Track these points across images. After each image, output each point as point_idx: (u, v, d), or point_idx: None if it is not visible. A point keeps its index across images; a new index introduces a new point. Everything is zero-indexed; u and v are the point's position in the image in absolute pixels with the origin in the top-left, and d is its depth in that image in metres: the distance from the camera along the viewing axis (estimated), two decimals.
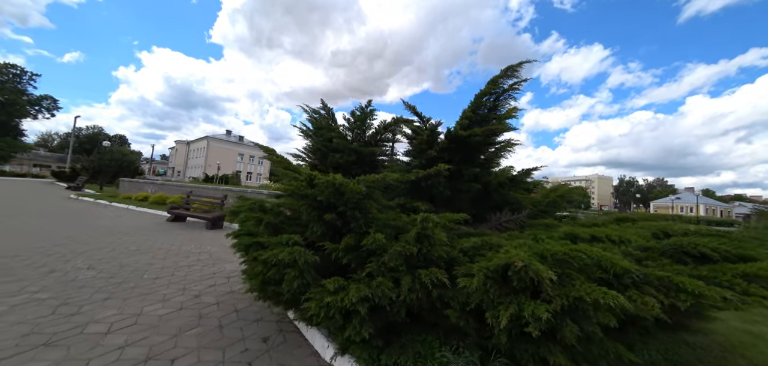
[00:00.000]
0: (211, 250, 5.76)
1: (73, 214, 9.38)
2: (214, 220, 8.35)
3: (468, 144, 3.47)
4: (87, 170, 24.72)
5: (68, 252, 4.86)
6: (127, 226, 7.83)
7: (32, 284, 3.39)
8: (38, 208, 10.13)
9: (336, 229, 2.57)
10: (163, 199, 12.97)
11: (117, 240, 5.99)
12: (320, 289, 2.08)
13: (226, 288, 3.76)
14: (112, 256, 4.82)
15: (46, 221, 7.61)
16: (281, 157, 3.52)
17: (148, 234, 6.87)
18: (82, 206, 11.64)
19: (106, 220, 8.49)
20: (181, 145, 65.35)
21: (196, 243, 6.27)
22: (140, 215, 10.17)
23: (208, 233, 7.62)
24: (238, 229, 3.09)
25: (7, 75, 49.56)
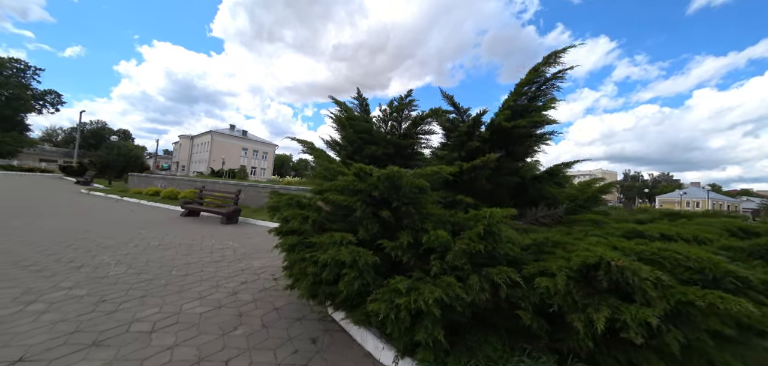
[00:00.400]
0: (233, 245, 5.69)
1: (88, 208, 9.36)
2: (230, 215, 8.28)
3: (510, 136, 3.33)
4: (95, 165, 24.79)
5: (93, 246, 4.80)
6: (143, 220, 7.79)
7: (65, 279, 3.32)
8: (53, 203, 10.12)
9: (387, 225, 2.46)
10: (175, 194, 12.94)
11: (137, 235, 5.93)
12: (386, 289, 1.98)
13: (259, 285, 3.68)
14: (136, 251, 4.76)
15: (65, 217, 7.58)
16: (321, 151, 3.40)
17: (166, 228, 6.82)
18: (95, 201, 11.63)
19: (121, 215, 8.46)
20: (185, 139, 65.37)
21: (216, 238, 6.20)
22: (154, 210, 10.13)
23: (224, 228, 7.56)
24: (280, 227, 2.99)
25: (11, 70, 49.60)
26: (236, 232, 7.15)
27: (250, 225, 8.42)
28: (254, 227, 8.07)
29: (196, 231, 6.86)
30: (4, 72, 47.86)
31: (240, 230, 7.41)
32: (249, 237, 6.62)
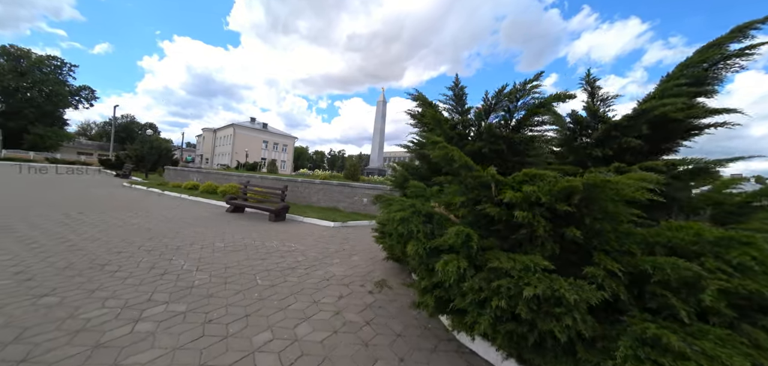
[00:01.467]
0: (297, 247, 5.38)
1: (138, 203, 9.43)
2: (278, 212, 8.05)
3: (675, 129, 2.72)
4: (131, 158, 25.66)
5: (162, 247, 4.60)
6: (193, 217, 7.68)
7: (155, 290, 3.06)
8: (104, 196, 10.31)
9: (565, 246, 1.95)
10: (213, 188, 12.97)
11: (198, 233, 5.74)
12: (631, 340, 1.47)
13: (358, 300, 3.29)
14: (206, 254, 4.52)
15: (120, 211, 7.58)
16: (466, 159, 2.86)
17: (219, 226, 6.63)
18: (139, 195, 11.82)
19: (171, 211, 8.41)
20: (208, 132, 67.19)
21: (275, 239, 5.92)
22: (198, 205, 10.10)
23: (275, 226, 7.31)
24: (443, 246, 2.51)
25: (49, 67, 52.33)
26: (290, 231, 6.88)
27: (299, 222, 8.16)
28: (304, 225, 7.80)
29: (250, 230, 6.63)
30: (44, 69, 50.52)
31: (292, 229, 7.14)
32: (305, 237, 6.31)
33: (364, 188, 10.08)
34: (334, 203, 10.52)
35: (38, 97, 48.97)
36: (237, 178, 13.85)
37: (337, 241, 6.19)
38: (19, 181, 13.04)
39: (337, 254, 5.10)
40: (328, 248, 5.47)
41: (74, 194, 10.33)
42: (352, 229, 7.64)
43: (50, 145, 45.42)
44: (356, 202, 10.09)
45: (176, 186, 14.86)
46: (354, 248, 5.64)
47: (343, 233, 7.03)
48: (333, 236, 6.59)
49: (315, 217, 8.45)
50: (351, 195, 10.22)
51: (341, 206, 10.35)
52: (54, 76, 51.60)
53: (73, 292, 2.93)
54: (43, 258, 3.81)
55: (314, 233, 6.78)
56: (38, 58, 50.27)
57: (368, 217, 9.02)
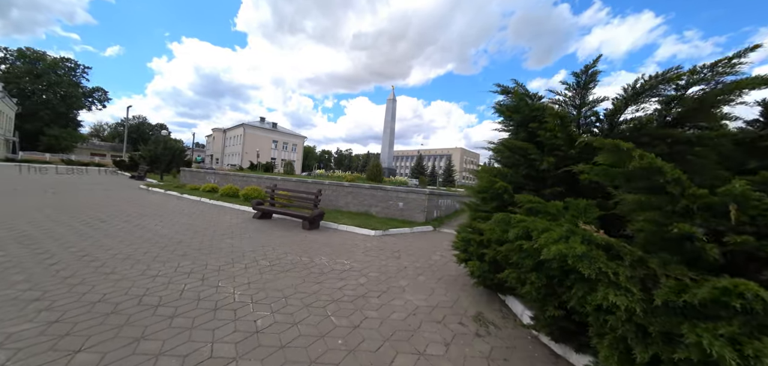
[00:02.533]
0: (350, 264, 4.66)
1: (159, 209, 8.85)
2: (313, 220, 7.35)
3: None
4: (145, 159, 25.41)
5: (202, 268, 3.92)
6: (222, 225, 7.03)
7: (214, 338, 2.36)
8: (123, 200, 9.79)
9: None
10: (234, 191, 12.39)
11: (234, 248, 5.07)
12: None
13: (471, 348, 2.53)
14: (255, 276, 3.82)
15: (144, 219, 6.98)
16: (667, 165, 2.08)
17: (255, 237, 5.95)
18: (159, 199, 11.29)
19: (197, 218, 7.79)
20: (217, 132, 67.38)
21: (321, 253, 5.21)
22: (222, 211, 9.49)
23: (313, 236, 6.61)
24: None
25: (64, 69, 52.96)
26: (331, 241, 6.17)
27: (334, 231, 7.45)
28: (341, 234, 7.09)
29: (288, 241, 5.94)
30: (58, 71, 51.13)
31: (332, 239, 6.43)
32: (351, 250, 5.59)
33: (398, 191, 9.34)
34: (366, 208, 9.80)
35: (53, 98, 49.59)
36: (257, 180, 13.26)
37: (388, 254, 5.45)
38: (35, 184, 12.68)
39: (400, 274, 4.35)
40: (385, 265, 4.73)
41: (93, 199, 9.83)
42: (396, 239, 6.88)
43: (65, 147, 45.90)
44: (391, 206, 9.35)
45: (194, 189, 14.35)
46: (414, 265, 4.89)
47: (389, 244, 6.28)
48: (380, 248, 5.85)
49: (350, 224, 7.73)
50: (384, 199, 9.49)
51: (374, 211, 9.63)
52: (68, 78, 52.22)
53: (113, 342, 2.24)
54: (69, 287, 3.15)
55: (358, 244, 6.06)
56: (53, 61, 50.91)
57: (407, 224, 8.28)
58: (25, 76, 47.17)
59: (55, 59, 51.62)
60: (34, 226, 5.51)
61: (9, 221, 5.78)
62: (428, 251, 5.92)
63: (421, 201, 8.85)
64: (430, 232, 8.06)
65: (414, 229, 7.98)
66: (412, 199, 9.02)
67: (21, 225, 5.56)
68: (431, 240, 7.09)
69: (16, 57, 48.24)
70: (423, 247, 6.28)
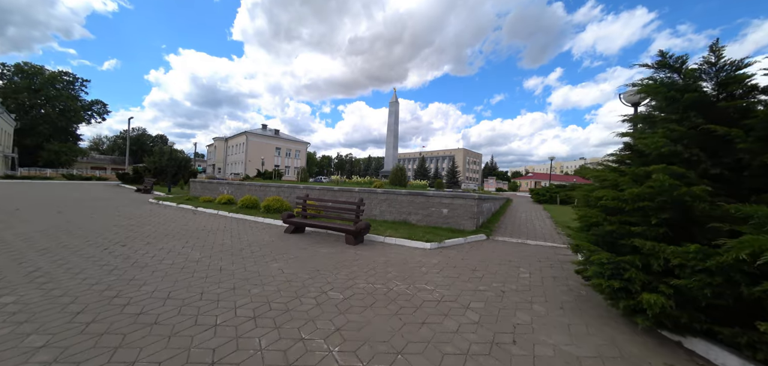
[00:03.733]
0: (438, 291, 3.80)
1: (179, 226, 7.99)
2: (358, 233, 6.50)
3: None
4: (150, 171, 24.55)
5: (264, 306, 3.07)
6: (256, 243, 6.17)
7: None
8: (139, 218, 8.91)
9: None
10: (253, 202, 11.54)
11: (289, 277, 4.21)
12: None
13: None
14: (336, 316, 2.97)
15: (171, 241, 6.11)
16: None
17: (302, 258, 5.10)
18: (174, 214, 10.42)
19: (223, 236, 6.93)
20: (219, 141, 66.56)
21: (394, 276, 4.36)
22: (247, 225, 8.63)
23: (364, 253, 5.76)
24: None
25: (62, 83, 52.19)
26: (388, 259, 5.32)
27: (382, 244, 6.60)
28: (392, 248, 6.23)
29: (342, 261, 5.09)
30: (57, 85, 50.36)
31: (387, 255, 5.58)
32: (418, 269, 4.74)
33: (441, 197, 8.50)
34: (404, 216, 8.94)
35: (52, 113, 48.79)
36: (276, 189, 12.41)
37: (466, 274, 4.59)
38: (38, 202, 11.79)
39: (508, 303, 3.49)
40: (478, 291, 3.87)
41: (104, 218, 8.96)
42: (457, 252, 6.01)
43: (65, 161, 44.98)
44: (433, 213, 8.51)
45: (207, 201, 13.49)
46: (511, 288, 4.03)
47: (455, 259, 5.42)
48: (451, 265, 4.99)
49: (397, 236, 6.88)
50: (425, 206, 8.64)
51: (413, 219, 8.77)
52: (67, 92, 51.46)
53: None
54: (108, 352, 2.29)
55: (421, 261, 5.21)
56: (51, 75, 50.17)
57: (456, 233, 7.42)
58: (23, 91, 46.37)
59: (53, 73, 50.87)
60: (46, 257, 4.64)
61: (17, 251, 4.92)
62: (508, 267, 5.06)
63: (470, 207, 8.01)
64: (487, 242, 7.20)
65: (468, 239, 7.12)
66: (458, 204, 8.17)
67: (31, 255, 4.69)
68: (497, 251, 6.22)
69: (14, 72, 47.48)
70: (496, 261, 5.42)
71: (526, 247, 6.82)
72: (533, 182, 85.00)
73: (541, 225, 10.43)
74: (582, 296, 3.67)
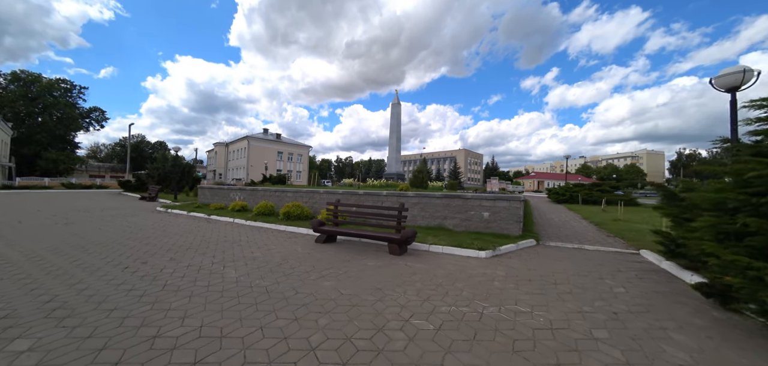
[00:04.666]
0: (527, 310, 3.17)
1: (199, 237, 7.32)
2: (403, 242, 5.86)
3: None
4: (153, 178, 23.82)
5: (353, 353, 2.43)
6: (292, 257, 5.52)
7: None
8: (151, 228, 8.23)
9: None
10: (270, 209, 10.87)
11: (345, 294, 3.57)
12: None
13: None
14: (421, 356, 2.33)
15: (194, 256, 5.45)
16: None
17: (350, 273, 4.45)
18: (187, 223, 9.74)
19: (251, 248, 6.27)
20: (219, 147, 65.77)
21: (470, 293, 3.72)
22: (270, 235, 7.97)
23: (414, 264, 5.12)
24: None
25: (60, 90, 51.34)
26: (448, 271, 4.68)
27: (429, 253, 5.96)
28: (443, 258, 5.59)
29: (398, 275, 4.45)
30: (54, 93, 49.54)
31: (445, 266, 4.94)
32: (490, 284, 4.10)
33: (481, 199, 7.87)
34: (439, 221, 8.31)
35: (50, 121, 47.95)
36: (294, 194, 11.75)
37: (550, 289, 3.95)
38: (40, 213, 11.08)
39: (626, 327, 2.86)
40: (579, 310, 3.23)
41: (115, 230, 8.28)
42: (521, 260, 5.36)
43: (64, 170, 44.11)
44: (472, 217, 7.88)
45: (219, 208, 12.81)
46: (610, 304, 3.40)
47: (522, 270, 4.78)
48: (526, 279, 4.34)
49: (442, 244, 6.25)
50: (463, 209, 8.01)
51: (449, 224, 8.14)
52: (64, 100, 50.61)
53: None
54: None
55: (486, 274, 4.57)
56: (49, 82, 49.36)
57: (503, 238, 6.79)
58: (20, 99, 45.53)
59: (51, 81, 50.06)
60: (62, 282, 3.97)
61: (26, 274, 4.25)
62: (590, 279, 4.41)
63: (515, 210, 7.39)
64: (541, 248, 6.56)
65: (519, 246, 6.49)
66: (501, 207, 7.55)
67: (44, 280, 4.02)
68: (560, 259, 5.57)
69: (10, 80, 46.64)
70: (570, 271, 4.77)
71: (587, 253, 6.20)
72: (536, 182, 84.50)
73: (579, 227, 9.82)
74: (721, 320, 3.04)
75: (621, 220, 10.71)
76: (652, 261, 5.51)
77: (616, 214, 13.06)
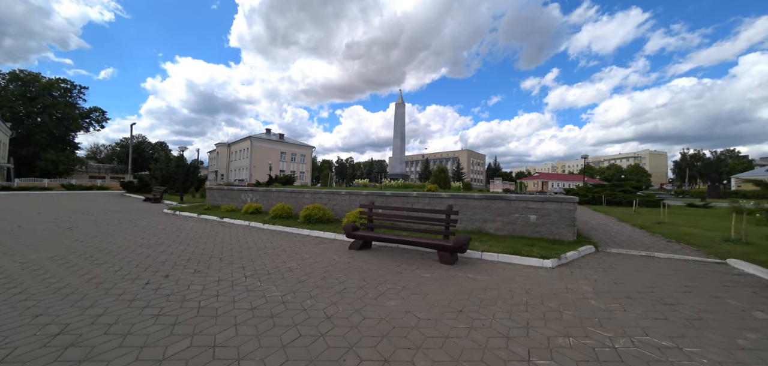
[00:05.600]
0: (660, 344, 2.46)
1: (218, 243, 6.60)
2: (455, 249, 5.15)
3: None
4: (157, 179, 23.08)
5: None
6: (325, 266, 4.81)
7: None
8: (162, 232, 7.52)
9: None
10: (288, 212, 10.15)
11: (423, 320, 2.86)
12: None
13: None
14: None
15: (221, 267, 4.74)
16: None
17: (411, 287, 3.74)
18: (200, 226, 9.01)
19: (282, 257, 5.56)
20: (221, 147, 65.00)
21: (589, 322, 3.01)
22: (293, 240, 7.26)
23: (476, 275, 4.42)
24: None
25: (59, 90, 50.55)
26: (527, 288, 3.97)
27: (482, 261, 5.26)
28: (501, 267, 4.89)
29: (468, 293, 3.75)
30: (54, 92, 48.75)
31: (513, 280, 4.23)
32: (587, 304, 3.40)
33: (527, 201, 7.17)
34: (478, 224, 7.61)
35: (49, 121, 47.16)
36: (312, 196, 11.04)
37: (670, 313, 3.24)
38: (41, 216, 10.35)
39: None
40: (744, 348, 2.53)
41: (126, 236, 7.56)
42: (598, 272, 4.63)
43: (64, 171, 43.32)
44: (517, 220, 7.18)
45: (231, 210, 12.09)
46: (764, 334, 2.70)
47: (606, 284, 4.06)
48: (626, 296, 3.62)
49: (497, 251, 5.55)
50: (506, 211, 7.31)
51: (489, 228, 7.44)
52: (64, 100, 49.83)
53: None
54: None
55: (570, 288, 3.86)
56: (48, 82, 48.60)
57: (558, 245, 6.07)
58: (19, 99, 44.75)
59: (51, 80, 49.30)
60: (72, 303, 3.25)
61: (28, 293, 3.52)
62: (703, 298, 3.69)
63: (568, 212, 6.69)
64: (604, 256, 5.85)
65: (580, 253, 5.79)
66: (551, 210, 6.85)
67: (49, 300, 3.30)
68: (641, 270, 4.84)
69: (9, 80, 45.86)
70: (670, 287, 4.05)
71: (662, 262, 5.48)
72: (541, 182, 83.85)
73: (625, 230, 9.11)
74: None
75: (665, 223, 10.01)
76: (752, 273, 4.77)
77: (651, 215, 12.37)
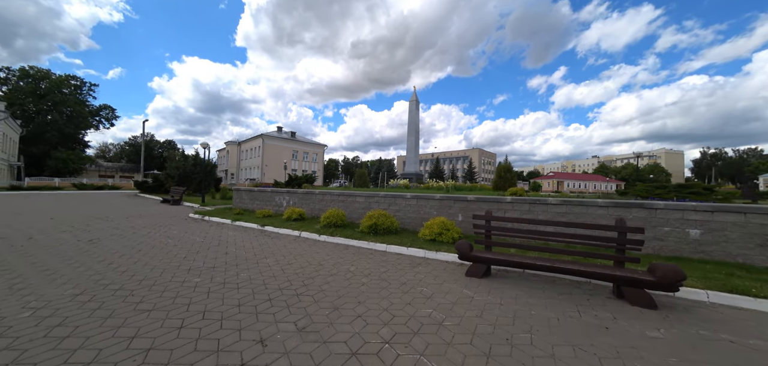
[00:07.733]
0: None
1: (273, 260, 5.03)
2: (661, 288, 3.50)
3: None
4: (173, 178, 21.73)
5: None
6: (446, 308, 3.20)
7: None
8: (200, 245, 6.00)
9: None
10: (341, 219, 8.55)
11: None
12: None
13: None
14: None
15: (296, 297, 3.16)
16: None
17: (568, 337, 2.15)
18: (239, 236, 7.48)
19: (375, 289, 3.96)
20: (232, 146, 63.89)
21: None
22: (372, 259, 5.68)
23: (721, 336, 2.77)
24: None
25: (69, 87, 49.71)
26: None
27: (699, 307, 3.61)
28: (734, 315, 3.24)
29: None
30: (64, 90, 47.91)
31: None
32: None
33: (683, 210, 5.49)
34: None
35: (59, 119, 46.32)
36: (365, 199, 9.40)
37: None
38: (55, 222, 8.93)
39: None
40: None
41: (159, 249, 6.04)
42: None
43: (74, 170, 42.41)
44: (666, 236, 5.50)
45: (268, 215, 10.59)
46: None
47: None
48: None
49: (715, 288, 3.90)
50: (647, 223, 5.63)
51: None
52: (74, 97, 48.93)
53: None
54: None
55: None
56: (58, 79, 47.75)
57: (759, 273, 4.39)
58: (29, 96, 43.93)
59: (61, 77, 48.47)
60: (120, 346, 1.68)
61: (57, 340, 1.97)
62: None
63: (758, 226, 4.99)
64: None
65: None
66: (727, 222, 5.16)
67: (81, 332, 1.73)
68: None
69: (19, 76, 45.07)
70: None
71: None
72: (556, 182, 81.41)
73: None
74: None
75: None
76: None
77: None
